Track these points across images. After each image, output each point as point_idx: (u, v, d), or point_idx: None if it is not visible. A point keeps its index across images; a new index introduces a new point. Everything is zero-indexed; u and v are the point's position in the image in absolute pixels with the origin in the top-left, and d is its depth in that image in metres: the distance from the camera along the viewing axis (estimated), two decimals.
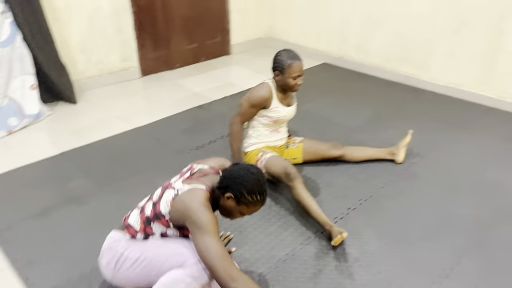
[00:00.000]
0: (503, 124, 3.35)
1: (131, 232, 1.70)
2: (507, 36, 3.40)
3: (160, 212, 1.64)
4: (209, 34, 4.79)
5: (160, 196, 1.67)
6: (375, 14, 4.17)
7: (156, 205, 1.66)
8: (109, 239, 1.75)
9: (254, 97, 2.48)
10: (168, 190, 1.65)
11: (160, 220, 1.65)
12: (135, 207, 1.78)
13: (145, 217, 1.68)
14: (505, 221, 2.30)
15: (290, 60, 2.40)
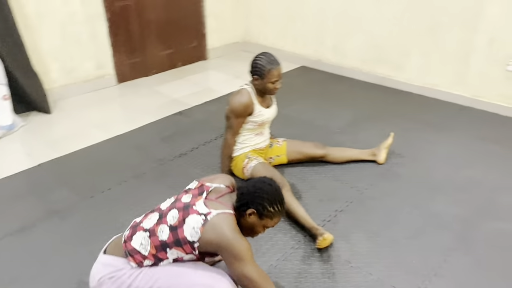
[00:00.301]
0: (477, 123, 3.46)
1: (137, 258, 1.55)
2: (479, 36, 3.52)
3: (184, 238, 1.50)
4: (185, 39, 4.75)
5: (181, 221, 1.52)
6: (350, 16, 4.23)
7: (177, 230, 1.51)
8: (108, 267, 1.56)
9: (237, 107, 2.47)
10: (193, 216, 1.51)
11: (181, 246, 1.52)
12: (136, 229, 1.59)
13: (159, 241, 1.53)
14: (487, 217, 2.37)
15: (269, 65, 2.40)
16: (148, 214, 1.65)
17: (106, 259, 1.60)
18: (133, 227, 1.62)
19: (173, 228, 1.52)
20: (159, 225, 1.55)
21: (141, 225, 1.60)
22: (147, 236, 1.55)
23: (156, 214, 1.61)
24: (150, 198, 2.52)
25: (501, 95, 3.56)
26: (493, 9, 3.37)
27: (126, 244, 1.58)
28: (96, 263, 1.63)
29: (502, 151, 3.03)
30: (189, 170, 2.81)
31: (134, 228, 1.61)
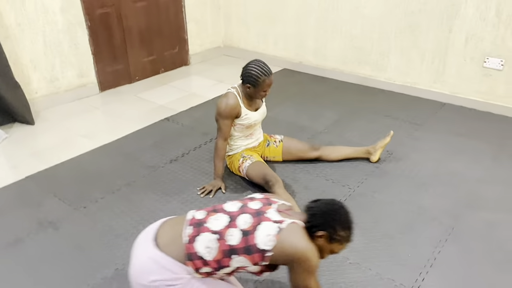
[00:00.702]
0: (457, 119, 3.59)
1: (197, 264, 1.43)
2: (455, 35, 3.65)
3: (255, 245, 1.42)
4: (167, 45, 4.74)
5: (255, 226, 1.45)
6: (330, 19, 4.32)
7: (248, 236, 1.43)
8: (166, 272, 1.42)
9: (224, 109, 2.52)
10: (266, 223, 1.45)
11: (251, 254, 1.43)
12: (202, 229, 1.46)
13: (228, 245, 1.43)
14: (473, 209, 2.46)
15: (264, 76, 2.45)
16: (211, 213, 1.53)
17: (164, 261, 1.44)
18: (196, 226, 1.48)
19: (245, 233, 1.44)
20: (228, 229, 1.45)
21: (207, 226, 1.47)
22: (215, 239, 1.44)
23: (224, 215, 1.50)
24: (145, 205, 2.52)
25: (478, 91, 3.71)
26: (468, 9, 3.51)
27: (188, 246, 1.45)
28: (148, 258, 1.45)
29: (481, 145, 3.15)
30: (182, 175, 2.82)
31: (198, 227, 1.48)
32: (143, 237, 1.54)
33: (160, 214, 2.44)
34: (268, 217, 1.47)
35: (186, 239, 1.46)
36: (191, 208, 2.47)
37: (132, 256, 1.53)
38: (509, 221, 2.35)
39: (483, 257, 2.11)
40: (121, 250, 2.17)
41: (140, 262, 1.47)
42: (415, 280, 1.98)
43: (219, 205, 1.60)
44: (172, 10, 4.65)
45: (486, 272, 2.02)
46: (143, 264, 1.46)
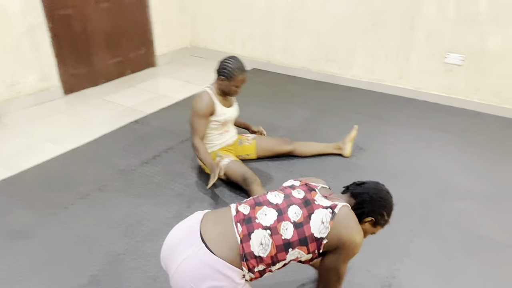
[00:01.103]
0: (422, 113, 3.71)
1: (252, 264, 1.37)
2: (417, 32, 3.78)
3: (311, 235, 1.40)
4: (132, 46, 4.64)
5: (306, 217, 1.41)
6: (296, 18, 4.37)
7: (302, 227, 1.40)
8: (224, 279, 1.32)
9: (199, 108, 2.51)
10: (318, 210, 1.42)
11: (307, 245, 1.40)
12: (253, 226, 1.39)
13: (282, 240, 1.38)
14: (444, 199, 2.55)
15: (239, 70, 2.49)
16: (257, 207, 1.46)
17: (219, 265, 1.33)
18: (245, 223, 1.41)
19: (298, 225, 1.40)
20: (280, 222, 1.40)
21: (258, 222, 1.41)
22: (268, 234, 1.39)
23: (271, 209, 1.44)
24: (118, 209, 2.45)
25: (441, 86, 3.85)
26: (429, 7, 3.64)
27: (243, 246, 1.37)
28: (200, 262, 1.34)
29: (447, 137, 3.27)
30: (155, 178, 2.76)
31: (248, 224, 1.41)
32: (185, 236, 1.41)
33: (135, 218, 2.38)
34: (319, 204, 1.44)
35: (239, 238, 1.38)
36: (166, 211, 2.44)
37: (175, 257, 1.38)
38: (477, 209, 2.45)
39: (455, 244, 2.19)
40: (95, 256, 2.11)
41: (190, 266, 1.34)
42: (391, 270, 2.02)
43: (261, 196, 1.53)
44: (137, 11, 4.56)
45: (458, 258, 2.10)
46: (194, 269, 1.34)
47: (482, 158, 2.99)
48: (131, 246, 2.17)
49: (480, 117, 3.61)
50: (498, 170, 2.84)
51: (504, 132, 3.36)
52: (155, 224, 2.34)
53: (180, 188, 2.65)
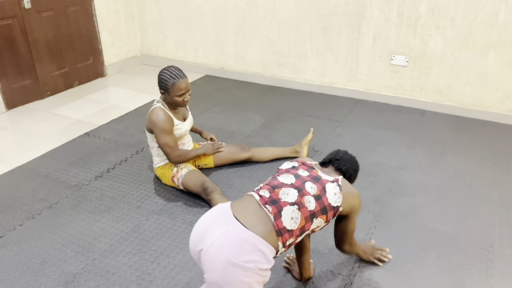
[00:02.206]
0: (372, 113, 3.85)
1: (285, 238, 1.50)
2: (363, 35, 3.92)
3: (329, 205, 1.61)
4: (79, 56, 4.48)
5: (321, 190, 1.61)
6: (247, 25, 4.40)
7: (321, 198, 1.60)
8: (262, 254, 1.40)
9: (162, 124, 2.46)
10: (328, 184, 1.64)
11: (326, 214, 1.61)
12: (281, 205, 1.51)
13: (309, 212, 1.56)
14: (396, 195, 2.65)
15: (172, 79, 2.42)
16: (275, 190, 1.57)
17: (259, 242, 1.42)
18: (272, 203, 1.53)
19: (317, 197, 1.59)
20: (303, 197, 1.57)
21: (284, 201, 1.54)
22: (296, 209, 1.54)
23: (290, 188, 1.58)
24: (71, 227, 2.35)
25: (389, 86, 4.01)
26: (373, 11, 3.79)
27: (277, 223, 1.49)
28: (243, 239, 1.41)
29: (396, 136, 3.41)
30: (109, 192, 2.67)
31: (275, 204, 1.53)
32: (218, 217, 1.49)
33: (90, 235, 2.29)
34: (325, 179, 1.66)
35: (272, 216, 1.50)
36: (123, 225, 2.36)
37: (209, 236, 1.44)
38: (428, 203, 2.57)
39: (409, 237, 2.28)
40: (49, 278, 2.00)
41: (227, 240, 1.41)
42: (352, 268, 2.07)
43: (274, 181, 1.64)
44: (82, 19, 4.41)
45: (413, 250, 2.18)
46: (231, 243, 1.40)
47: (430, 154, 3.14)
48: (88, 264, 2.08)
49: (426, 115, 3.80)
50: (444, 164, 2.99)
51: (448, 128, 3.55)
52: (112, 240, 2.26)
53: (137, 201, 2.58)
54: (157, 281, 1.98)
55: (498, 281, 1.99)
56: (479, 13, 3.43)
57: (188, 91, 2.49)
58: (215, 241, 1.42)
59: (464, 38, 3.55)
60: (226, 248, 1.39)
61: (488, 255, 2.15)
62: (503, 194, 2.65)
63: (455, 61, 3.66)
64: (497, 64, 3.53)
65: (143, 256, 2.13)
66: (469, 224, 2.38)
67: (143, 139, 3.34)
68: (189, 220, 2.40)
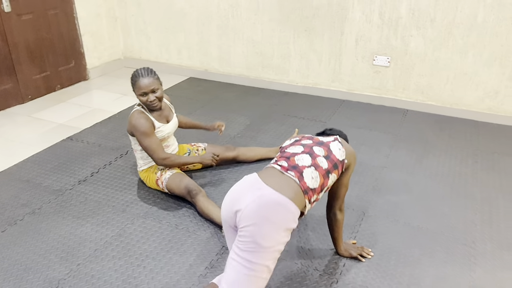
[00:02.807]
0: (355, 113, 3.89)
1: (310, 196, 1.71)
2: (346, 36, 3.96)
3: (338, 160, 1.82)
4: (61, 60, 4.42)
5: (327, 150, 1.81)
6: (231, 27, 4.40)
7: (330, 157, 1.80)
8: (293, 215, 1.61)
9: (142, 128, 2.43)
10: (332, 143, 1.85)
11: (337, 168, 1.82)
12: (300, 169, 1.71)
13: (324, 170, 1.76)
14: (380, 194, 2.69)
15: (135, 77, 2.43)
16: (290, 159, 1.75)
17: (287, 203, 1.60)
18: (292, 168, 1.71)
19: (327, 157, 1.80)
20: (315, 159, 1.76)
21: (301, 165, 1.73)
22: (313, 169, 1.73)
23: (303, 155, 1.77)
24: (55, 232, 2.31)
25: (372, 87, 4.06)
26: (355, 13, 3.84)
27: (302, 184, 1.68)
28: (277, 199, 1.59)
29: (379, 135, 3.46)
30: (93, 196, 2.64)
31: (295, 169, 1.71)
32: (250, 184, 1.66)
33: (74, 240, 2.26)
34: (327, 141, 1.87)
35: (297, 179, 1.68)
36: (108, 230, 2.34)
37: (242, 200, 1.61)
38: (411, 201, 2.61)
39: (393, 236, 2.31)
40: (33, 285, 1.97)
41: (261, 201, 1.58)
42: (338, 267, 2.09)
43: (284, 153, 1.81)
44: (63, 22, 4.36)
45: (397, 248, 2.21)
46: (270, 205, 1.58)
47: (412, 153, 3.19)
48: (72, 270, 2.06)
49: (408, 115, 3.86)
50: (426, 163, 3.04)
51: (430, 127, 3.61)
52: (97, 244, 2.23)
53: (121, 205, 2.56)
54: (143, 284, 1.97)
55: (480, 276, 2.03)
56: (458, 13, 3.50)
57: (153, 91, 2.42)
58: (251, 202, 1.59)
59: (444, 38, 3.62)
60: (262, 208, 1.57)
61: (470, 251, 2.20)
62: (484, 192, 2.71)
63: (436, 61, 3.73)
64: (476, 63, 3.60)
65: (128, 260, 2.12)
66: (451, 221, 2.43)
67: (127, 143, 3.31)
68: (174, 223, 2.39)
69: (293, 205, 1.62)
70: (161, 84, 2.49)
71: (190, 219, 2.43)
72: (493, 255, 2.17)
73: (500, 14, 3.38)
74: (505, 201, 2.62)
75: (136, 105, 2.55)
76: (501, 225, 2.40)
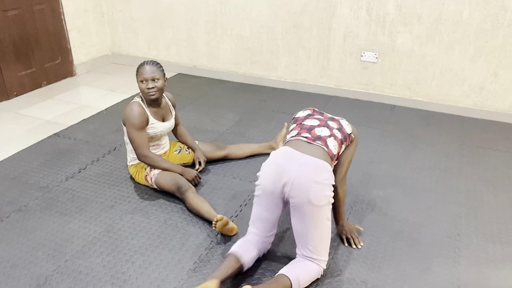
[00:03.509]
0: (344, 109, 3.92)
1: (334, 160, 2.01)
2: (334, 32, 3.98)
3: (347, 132, 2.08)
4: (47, 56, 4.37)
5: (339, 123, 2.08)
6: (218, 21, 4.39)
7: (342, 129, 2.07)
8: (330, 173, 1.89)
9: (133, 120, 2.42)
10: (341, 120, 2.13)
11: (346, 140, 2.08)
12: (324, 138, 1.98)
13: (339, 139, 2.04)
14: (368, 188, 2.72)
15: (140, 65, 2.46)
16: (312, 131, 2.00)
17: (326, 165, 1.88)
18: (316, 139, 1.97)
19: (339, 129, 2.06)
20: (332, 130, 2.03)
21: (323, 136, 1.99)
22: (332, 139, 2.01)
23: (321, 127, 2.03)
24: (42, 229, 2.30)
25: (359, 82, 4.09)
26: (343, 9, 3.86)
27: (329, 151, 1.96)
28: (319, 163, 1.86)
29: (367, 130, 3.49)
30: (81, 192, 2.62)
31: (319, 139, 1.97)
32: (289, 156, 1.90)
33: (61, 236, 2.25)
34: (337, 118, 2.13)
35: (324, 147, 1.96)
36: (96, 226, 2.33)
37: (289, 168, 1.85)
38: (398, 195, 2.64)
39: (381, 229, 2.34)
40: (20, 282, 1.95)
41: (313, 165, 1.85)
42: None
43: (304, 126, 2.06)
44: (49, 18, 4.31)
45: (384, 241, 2.24)
46: (315, 168, 1.85)
47: (399, 147, 3.22)
48: (60, 266, 2.05)
49: (396, 110, 3.90)
50: (413, 158, 3.08)
51: (417, 122, 3.66)
52: (85, 240, 2.22)
53: (110, 201, 2.54)
54: (131, 279, 1.97)
55: (465, 268, 2.07)
56: (444, 10, 3.54)
57: (153, 80, 2.43)
58: (298, 172, 1.83)
59: (430, 34, 3.66)
60: (309, 174, 1.83)
61: (455, 243, 2.23)
62: (469, 185, 2.75)
63: (423, 57, 3.77)
64: (462, 59, 3.65)
65: (117, 256, 2.11)
66: (437, 214, 2.47)
67: (115, 139, 3.30)
68: (163, 219, 2.39)
69: (330, 166, 1.92)
70: (164, 77, 2.49)
71: (179, 214, 2.43)
72: (477, 247, 2.21)
73: (485, 10, 3.43)
74: (489, 194, 2.66)
75: (136, 97, 2.54)
76: (485, 217, 2.45)
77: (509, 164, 3.01)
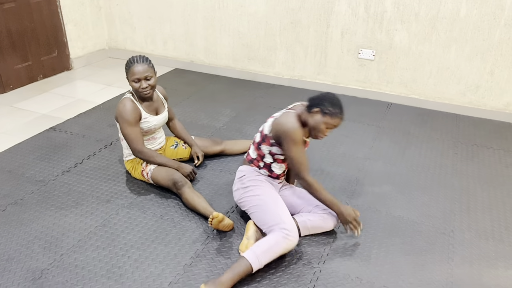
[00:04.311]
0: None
1: (255, 164, 2.22)
2: (332, 29, 3.98)
3: (265, 134, 2.13)
4: (44, 49, 4.35)
5: (264, 126, 2.16)
6: (216, 17, 4.39)
7: (261, 131, 2.16)
8: (238, 173, 2.24)
9: (125, 116, 2.41)
10: (269, 119, 2.15)
11: (265, 141, 2.14)
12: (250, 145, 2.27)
13: (256, 143, 2.18)
14: (363, 184, 2.73)
15: (130, 63, 2.42)
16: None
17: (240, 168, 2.29)
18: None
19: (260, 131, 2.22)
20: (255, 135, 2.29)
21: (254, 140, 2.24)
22: (251, 144, 2.29)
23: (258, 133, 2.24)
24: (38, 223, 2.30)
25: (356, 80, 4.10)
26: (341, 6, 3.86)
27: (247, 157, 2.31)
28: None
29: (363, 127, 3.50)
30: (77, 186, 2.63)
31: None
32: None
33: (57, 230, 2.25)
34: (273, 116, 2.17)
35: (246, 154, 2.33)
36: (92, 220, 2.33)
37: None
38: (393, 192, 2.66)
39: (376, 225, 2.35)
40: (16, 275, 1.96)
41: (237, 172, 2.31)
42: (321, 256, 2.13)
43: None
44: (46, 11, 4.28)
45: (379, 237, 2.26)
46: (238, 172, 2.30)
47: (395, 145, 3.24)
48: (55, 260, 2.05)
49: (392, 107, 3.91)
50: (409, 155, 3.10)
51: (413, 120, 3.67)
52: (81, 235, 2.23)
53: (106, 195, 2.55)
54: (127, 274, 1.98)
55: (458, 264, 2.09)
56: (441, 8, 3.56)
57: (146, 79, 2.41)
58: None
59: (428, 32, 3.67)
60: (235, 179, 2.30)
61: (449, 240, 2.26)
62: (463, 182, 2.78)
63: (419, 55, 3.78)
64: (458, 58, 3.67)
65: (113, 250, 2.12)
66: (431, 211, 2.49)
67: (112, 133, 3.29)
68: (159, 213, 2.39)
69: (245, 168, 2.25)
70: (155, 73, 2.48)
71: (175, 209, 2.43)
72: (471, 244, 2.23)
73: (482, 9, 3.44)
74: (483, 191, 2.69)
75: (127, 93, 2.52)
76: (479, 214, 2.47)
77: (503, 162, 3.04)
